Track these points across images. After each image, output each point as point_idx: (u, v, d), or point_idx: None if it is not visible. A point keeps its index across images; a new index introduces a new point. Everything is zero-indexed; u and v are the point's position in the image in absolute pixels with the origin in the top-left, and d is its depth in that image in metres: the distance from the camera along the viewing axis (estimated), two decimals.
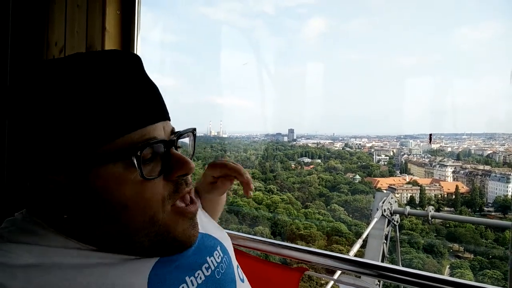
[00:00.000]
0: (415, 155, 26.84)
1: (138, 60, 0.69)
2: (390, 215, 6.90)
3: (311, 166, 27.22)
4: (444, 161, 24.83)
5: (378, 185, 23.81)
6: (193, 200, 0.72)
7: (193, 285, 0.69)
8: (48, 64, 0.62)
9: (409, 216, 6.81)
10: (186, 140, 0.76)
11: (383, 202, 6.78)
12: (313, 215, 21.80)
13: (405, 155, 27.10)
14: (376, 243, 6.87)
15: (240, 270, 0.88)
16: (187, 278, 0.70)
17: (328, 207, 22.84)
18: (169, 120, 0.71)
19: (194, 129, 0.75)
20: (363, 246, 7.25)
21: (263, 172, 26.72)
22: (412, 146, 27.70)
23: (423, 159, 26.08)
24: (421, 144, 27.71)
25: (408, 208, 7.14)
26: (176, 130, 0.72)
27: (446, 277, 0.90)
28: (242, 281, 0.85)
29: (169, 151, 0.66)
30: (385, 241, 7.02)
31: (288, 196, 23.88)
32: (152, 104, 0.66)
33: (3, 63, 1.88)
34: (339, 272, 1.07)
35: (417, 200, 22.58)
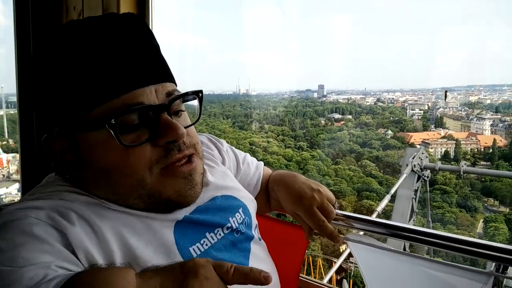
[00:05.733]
0: (451, 108, 25.79)
1: (132, 21, 0.68)
2: (420, 170, 6.81)
3: (342, 122, 26.81)
4: (482, 114, 23.74)
5: (411, 140, 23.24)
6: (191, 160, 0.68)
7: (213, 240, 0.74)
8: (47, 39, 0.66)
9: (441, 171, 6.69)
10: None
11: (413, 158, 6.68)
12: (344, 171, 21.76)
13: (441, 109, 26.11)
14: (405, 198, 6.85)
15: (257, 230, 0.90)
16: (207, 233, 0.74)
17: (359, 163, 22.69)
18: (167, 81, 0.68)
19: (198, 92, 0.72)
20: (392, 201, 7.25)
21: (293, 129, 26.64)
22: (448, 99, 26.57)
23: (460, 112, 25.06)
24: (458, 96, 26.51)
25: (439, 163, 7.02)
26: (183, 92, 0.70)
27: (456, 236, 0.89)
28: (260, 239, 0.88)
29: (158, 117, 0.64)
30: (414, 196, 6.98)
31: (318, 153, 23.84)
32: (139, 67, 0.64)
33: (26, 30, 1.93)
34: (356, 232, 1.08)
35: (452, 154, 21.98)
